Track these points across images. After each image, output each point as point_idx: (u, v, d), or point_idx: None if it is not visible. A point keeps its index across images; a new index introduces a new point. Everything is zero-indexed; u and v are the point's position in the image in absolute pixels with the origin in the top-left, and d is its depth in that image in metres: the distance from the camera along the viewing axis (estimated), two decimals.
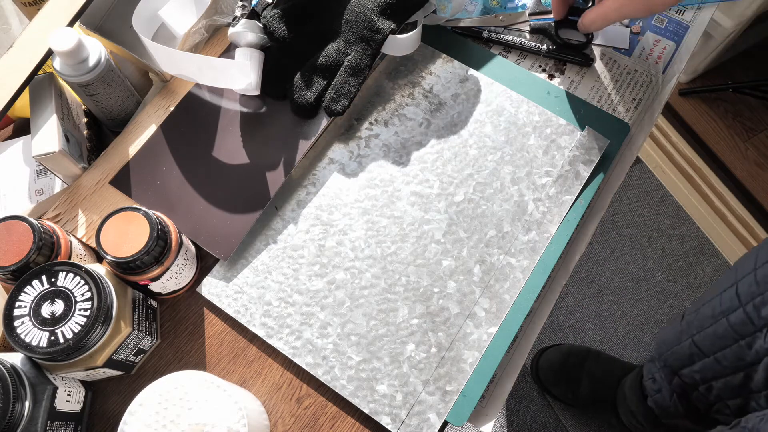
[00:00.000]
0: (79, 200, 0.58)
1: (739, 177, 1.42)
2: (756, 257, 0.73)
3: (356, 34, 0.59)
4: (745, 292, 0.72)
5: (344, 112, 0.59)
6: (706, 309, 0.80)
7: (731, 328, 0.73)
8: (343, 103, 0.58)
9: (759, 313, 0.69)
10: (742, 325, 0.72)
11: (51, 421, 0.45)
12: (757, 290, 0.69)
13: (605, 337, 1.33)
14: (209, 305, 0.56)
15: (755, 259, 0.72)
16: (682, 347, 0.84)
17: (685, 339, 0.83)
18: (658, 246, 1.41)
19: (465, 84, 0.63)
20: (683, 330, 0.85)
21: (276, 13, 0.59)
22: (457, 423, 0.52)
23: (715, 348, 0.77)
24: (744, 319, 0.71)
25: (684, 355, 0.84)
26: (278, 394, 0.54)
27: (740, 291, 0.73)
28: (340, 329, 0.54)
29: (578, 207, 0.58)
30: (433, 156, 0.61)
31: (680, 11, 0.69)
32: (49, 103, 0.56)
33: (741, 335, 0.72)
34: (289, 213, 0.59)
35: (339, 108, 0.58)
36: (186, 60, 0.57)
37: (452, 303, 0.55)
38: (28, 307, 0.45)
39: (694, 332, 0.81)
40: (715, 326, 0.76)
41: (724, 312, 0.75)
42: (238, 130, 0.60)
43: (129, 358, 0.51)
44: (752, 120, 1.47)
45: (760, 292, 0.69)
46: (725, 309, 0.75)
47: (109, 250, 0.48)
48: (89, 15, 0.60)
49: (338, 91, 0.58)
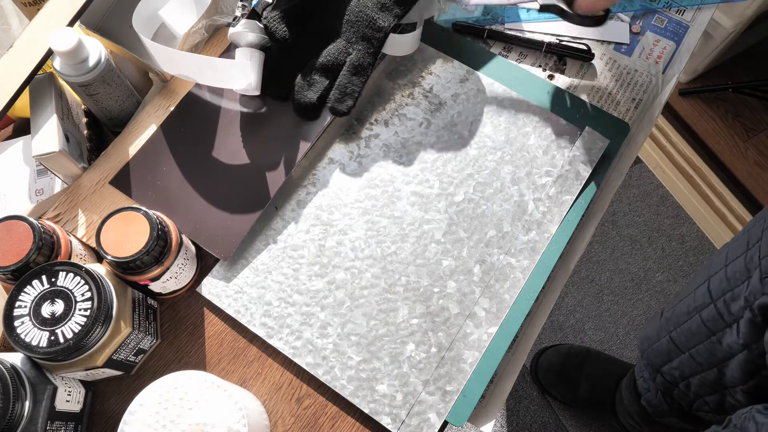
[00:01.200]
0: (79, 200, 0.58)
1: (739, 177, 1.42)
2: (726, 253, 0.74)
3: (357, 33, 0.59)
4: (716, 288, 0.73)
5: (350, 112, 0.59)
6: (681, 305, 0.81)
7: (704, 324, 0.74)
8: (348, 103, 0.58)
9: (729, 309, 0.69)
10: (713, 321, 0.72)
11: (51, 421, 0.45)
12: (728, 286, 0.70)
13: (605, 337, 1.33)
14: (209, 305, 0.56)
15: (726, 256, 0.73)
16: (661, 344, 0.85)
17: (664, 335, 0.84)
18: (658, 246, 1.41)
19: (465, 84, 0.63)
20: (662, 326, 0.86)
21: (277, 14, 0.59)
22: (457, 423, 0.52)
23: (690, 344, 0.78)
24: (715, 315, 0.72)
25: (663, 351, 0.85)
26: (278, 394, 0.54)
27: (711, 287, 0.74)
28: (340, 329, 0.54)
29: (578, 207, 0.58)
30: (433, 156, 0.61)
31: (680, 11, 0.69)
32: (49, 103, 0.56)
33: (712, 331, 0.73)
34: (289, 213, 0.59)
35: (344, 108, 0.58)
36: (186, 60, 0.57)
37: (452, 303, 0.55)
38: (28, 307, 0.45)
39: (672, 329, 0.82)
40: (690, 322, 0.77)
41: (698, 308, 0.76)
42: (238, 130, 0.60)
43: (129, 358, 0.51)
44: (752, 120, 1.47)
45: (730, 288, 0.70)
46: (698, 305, 0.76)
47: (109, 250, 0.48)
48: (89, 15, 0.60)
49: (342, 91, 0.58)
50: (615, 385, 1.13)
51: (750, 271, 0.66)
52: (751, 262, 0.66)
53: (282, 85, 0.60)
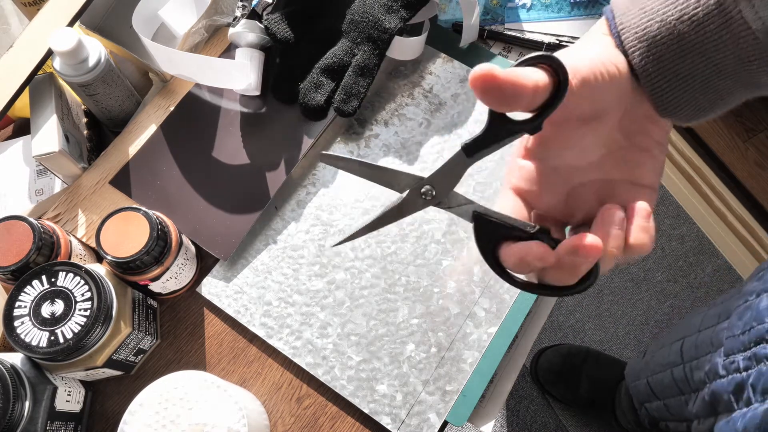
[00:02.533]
0: (79, 200, 0.58)
1: (739, 177, 1.42)
2: (703, 318, 0.74)
3: (363, 34, 0.59)
4: (687, 351, 0.74)
5: (355, 112, 0.59)
6: (659, 355, 0.83)
7: (675, 382, 0.76)
8: (353, 103, 0.58)
9: (693, 375, 0.70)
10: (682, 382, 0.74)
11: (51, 421, 0.45)
12: (695, 353, 0.71)
13: (605, 337, 1.33)
14: (209, 305, 0.56)
15: (702, 320, 0.74)
16: (641, 383, 0.88)
17: (644, 377, 0.87)
18: (658, 246, 1.41)
19: (465, 84, 0.63)
20: (642, 368, 0.89)
21: (278, 15, 0.59)
22: (457, 423, 0.52)
23: (664, 395, 0.80)
24: (683, 377, 0.73)
25: (643, 392, 0.87)
26: (278, 394, 0.54)
27: (684, 348, 0.75)
28: (340, 329, 0.54)
29: None
30: (433, 156, 0.61)
31: None
32: (49, 103, 0.56)
33: (682, 391, 0.74)
34: (289, 213, 0.59)
35: (350, 109, 0.58)
36: (186, 60, 0.57)
37: (452, 303, 0.55)
38: (28, 307, 0.45)
39: (649, 374, 0.85)
40: (663, 375, 0.79)
41: (670, 364, 0.77)
42: (238, 130, 0.60)
43: (129, 358, 0.51)
44: (752, 120, 1.47)
45: (697, 356, 0.70)
46: (671, 361, 0.77)
47: (109, 250, 0.48)
48: (89, 15, 0.60)
49: (348, 91, 0.58)
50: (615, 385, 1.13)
51: (714, 346, 0.66)
52: (716, 337, 0.66)
53: (288, 87, 0.60)
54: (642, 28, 0.32)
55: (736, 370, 0.59)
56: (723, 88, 0.32)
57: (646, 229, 0.31)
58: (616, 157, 0.34)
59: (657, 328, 1.33)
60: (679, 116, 0.34)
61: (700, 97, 0.33)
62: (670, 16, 0.31)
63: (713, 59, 0.31)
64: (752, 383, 0.56)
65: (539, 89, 0.29)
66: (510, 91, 0.28)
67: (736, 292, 0.68)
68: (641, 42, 0.32)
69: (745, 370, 0.57)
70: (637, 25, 0.32)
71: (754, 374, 0.56)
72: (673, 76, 0.32)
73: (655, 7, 0.31)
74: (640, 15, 0.32)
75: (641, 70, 0.32)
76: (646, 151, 0.34)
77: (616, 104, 0.33)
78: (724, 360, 0.61)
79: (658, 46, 0.31)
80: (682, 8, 0.31)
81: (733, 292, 0.71)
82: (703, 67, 0.31)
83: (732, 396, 0.59)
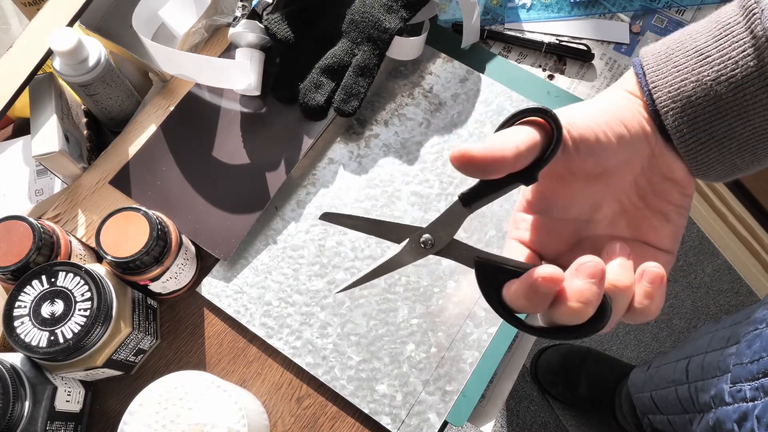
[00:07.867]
0: (79, 200, 0.58)
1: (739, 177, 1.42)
2: (710, 340, 0.72)
3: (363, 34, 0.59)
4: (693, 371, 0.72)
5: (355, 112, 0.59)
6: (664, 370, 0.82)
7: (678, 400, 0.75)
8: (353, 104, 0.58)
9: (698, 397, 0.69)
10: (686, 401, 0.72)
11: (51, 421, 0.45)
12: (701, 374, 0.70)
13: (605, 337, 1.33)
14: (209, 305, 0.56)
15: (709, 341, 0.72)
16: (645, 396, 0.87)
17: (647, 390, 0.86)
18: None
19: (465, 84, 0.63)
20: (646, 381, 0.88)
21: (278, 15, 0.59)
22: (457, 423, 0.52)
23: (668, 411, 0.79)
24: (688, 396, 0.72)
25: (647, 404, 0.87)
26: (278, 394, 0.54)
27: (690, 368, 0.74)
28: (340, 329, 0.54)
29: None
30: (433, 156, 0.61)
31: (680, 11, 0.69)
32: (49, 103, 0.56)
33: (686, 410, 0.73)
34: (289, 213, 0.59)
35: (350, 109, 0.58)
36: (186, 60, 0.57)
37: (452, 303, 0.55)
38: (28, 307, 0.45)
39: (653, 388, 0.84)
40: (668, 391, 0.78)
41: (675, 381, 0.76)
42: (238, 130, 0.60)
43: (129, 358, 0.51)
44: None
45: (702, 377, 0.69)
46: (676, 379, 0.76)
47: (109, 250, 0.48)
48: (89, 15, 0.60)
49: (348, 91, 0.58)
50: (615, 385, 1.13)
51: (721, 371, 0.65)
52: (723, 362, 0.65)
53: (288, 87, 0.60)
54: (676, 88, 0.31)
55: (742, 399, 0.58)
56: (761, 149, 0.31)
57: (651, 295, 0.29)
58: (631, 216, 0.33)
59: (657, 328, 1.33)
60: (711, 176, 0.32)
61: (736, 159, 0.32)
62: (706, 77, 0.30)
63: (752, 122, 0.30)
64: (758, 414, 0.55)
65: (522, 153, 0.28)
66: (489, 166, 0.28)
67: (746, 316, 0.67)
68: (675, 102, 0.31)
69: (752, 400, 0.56)
70: (670, 84, 0.31)
71: (760, 406, 0.55)
72: (708, 137, 0.31)
73: (690, 66, 0.30)
74: (674, 73, 0.31)
75: (675, 130, 0.31)
76: (662, 215, 0.33)
77: (626, 164, 0.32)
78: (731, 387, 0.60)
79: (694, 107, 0.30)
80: (719, 69, 0.30)
81: (742, 315, 0.69)
82: (741, 129, 0.30)
83: (735, 425, 0.58)
